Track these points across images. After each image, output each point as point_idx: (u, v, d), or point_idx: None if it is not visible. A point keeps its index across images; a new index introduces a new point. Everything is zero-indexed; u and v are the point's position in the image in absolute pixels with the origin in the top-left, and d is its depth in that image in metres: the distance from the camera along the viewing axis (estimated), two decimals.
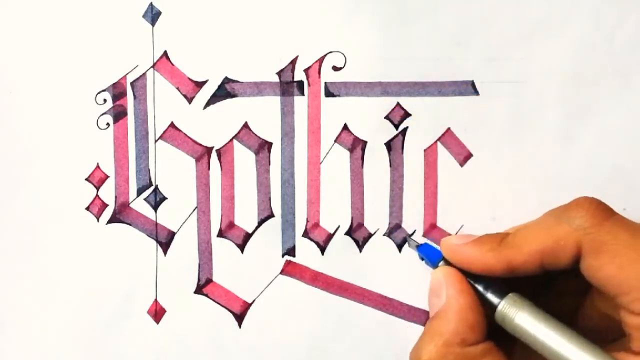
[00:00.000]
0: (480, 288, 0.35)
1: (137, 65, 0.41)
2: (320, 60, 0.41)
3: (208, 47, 0.41)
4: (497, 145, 0.41)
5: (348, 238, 0.42)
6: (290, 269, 0.42)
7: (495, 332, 0.35)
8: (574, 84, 0.41)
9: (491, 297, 0.35)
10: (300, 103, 0.41)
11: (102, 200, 0.41)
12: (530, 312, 0.34)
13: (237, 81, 0.41)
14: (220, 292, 0.41)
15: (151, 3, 0.40)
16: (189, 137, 0.41)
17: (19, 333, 0.41)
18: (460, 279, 0.36)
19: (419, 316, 0.41)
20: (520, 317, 0.34)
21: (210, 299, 0.41)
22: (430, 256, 0.38)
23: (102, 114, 0.41)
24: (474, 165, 0.41)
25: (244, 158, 0.41)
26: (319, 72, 0.41)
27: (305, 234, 0.42)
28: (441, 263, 0.37)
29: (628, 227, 0.33)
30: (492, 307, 0.35)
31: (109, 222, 0.41)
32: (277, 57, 0.41)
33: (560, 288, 0.37)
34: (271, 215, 0.41)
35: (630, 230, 0.33)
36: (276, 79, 0.41)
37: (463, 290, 0.35)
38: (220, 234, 0.41)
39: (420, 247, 0.39)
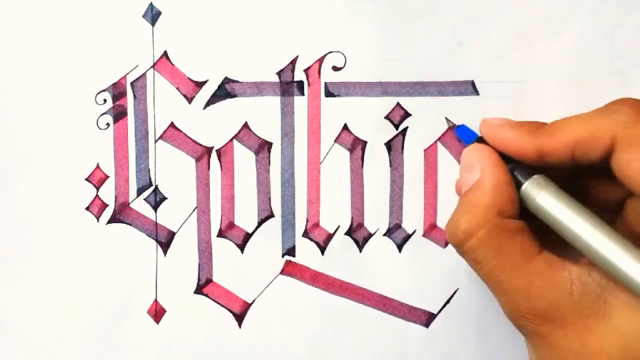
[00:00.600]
0: (509, 167, 0.35)
1: (137, 65, 0.41)
2: (320, 60, 0.41)
3: (208, 47, 0.41)
4: None
5: (348, 238, 0.42)
6: (291, 269, 0.42)
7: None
8: (574, 84, 0.41)
9: (518, 176, 0.35)
10: (300, 103, 0.41)
11: (102, 201, 0.41)
12: (552, 192, 0.34)
13: (237, 81, 0.41)
14: (220, 292, 0.41)
15: (151, 3, 0.40)
16: (189, 137, 0.41)
17: (19, 333, 0.41)
18: (496, 155, 0.35)
19: (419, 316, 0.42)
20: (542, 196, 0.34)
21: (210, 299, 0.41)
22: (466, 137, 0.38)
23: (102, 114, 0.41)
24: None
25: (244, 158, 0.41)
26: (319, 72, 0.41)
27: (305, 234, 0.42)
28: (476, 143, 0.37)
29: None
30: (518, 187, 0.35)
31: (109, 222, 0.41)
32: (277, 57, 0.41)
33: (595, 200, 0.36)
34: (271, 215, 0.41)
35: None
36: (276, 79, 0.41)
37: (498, 165, 0.35)
38: (220, 234, 0.41)
39: (458, 128, 0.39)
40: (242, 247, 0.41)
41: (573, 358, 0.32)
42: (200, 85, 0.41)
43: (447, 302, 0.41)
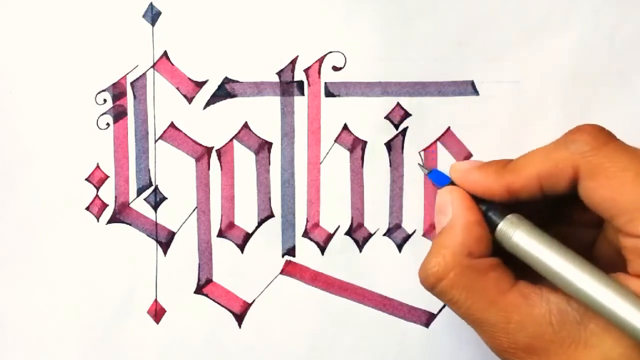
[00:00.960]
0: (483, 208, 0.36)
1: (137, 65, 0.41)
2: (320, 60, 0.41)
3: (208, 47, 0.41)
4: (497, 145, 0.41)
5: (348, 238, 0.42)
6: (290, 269, 0.42)
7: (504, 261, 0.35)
8: (574, 84, 0.41)
9: (493, 217, 0.35)
10: (300, 103, 0.41)
11: (102, 201, 0.41)
12: (526, 231, 0.34)
13: (237, 81, 0.41)
14: (220, 292, 0.41)
15: (151, 3, 0.40)
16: (189, 137, 0.41)
17: (19, 333, 0.41)
18: (466, 197, 0.36)
19: (419, 316, 0.42)
20: (518, 235, 0.34)
21: (210, 299, 0.41)
22: (440, 181, 0.38)
23: (102, 114, 0.41)
24: None
25: (244, 158, 0.41)
26: (319, 72, 0.41)
27: (305, 234, 0.42)
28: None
29: (627, 151, 0.33)
30: (493, 227, 0.35)
31: (109, 222, 0.41)
32: (277, 57, 0.41)
33: (574, 219, 0.37)
34: (271, 215, 0.41)
35: (629, 154, 0.32)
36: (276, 79, 0.41)
37: (468, 207, 0.35)
38: (220, 234, 0.41)
39: (430, 173, 0.39)
40: (242, 247, 0.41)
41: None
42: (200, 85, 0.41)
43: None
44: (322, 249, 0.42)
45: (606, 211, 0.32)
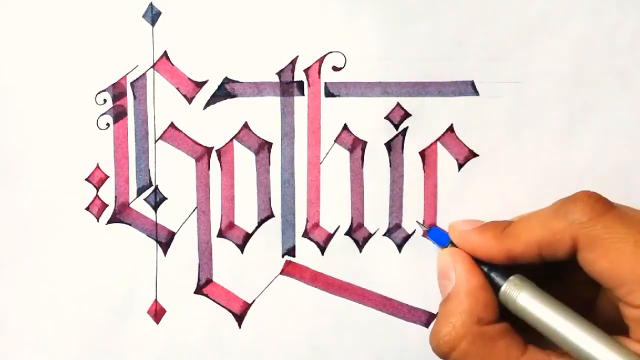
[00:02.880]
0: (485, 269, 0.36)
1: (137, 66, 0.41)
2: (320, 60, 0.41)
3: (208, 48, 0.41)
4: (497, 145, 0.41)
5: (348, 238, 0.42)
6: (290, 269, 0.42)
7: (510, 319, 0.36)
8: (574, 84, 0.41)
9: (496, 278, 0.36)
10: (300, 103, 0.41)
11: (102, 201, 0.41)
12: (531, 293, 0.34)
13: (237, 81, 0.41)
14: (220, 292, 0.41)
15: (151, 3, 0.40)
16: (189, 137, 0.41)
17: (18, 333, 0.41)
18: (468, 259, 0.36)
19: (419, 316, 0.42)
20: (522, 297, 0.34)
21: (210, 299, 0.41)
22: (439, 240, 0.39)
23: (102, 114, 0.41)
24: (474, 165, 0.41)
25: (244, 158, 0.41)
26: (319, 72, 0.41)
27: (305, 234, 0.42)
28: (449, 246, 0.38)
29: (625, 220, 0.33)
30: (497, 289, 0.36)
31: (109, 222, 0.41)
32: (277, 57, 0.41)
33: (574, 279, 0.37)
34: (271, 216, 0.41)
35: (627, 224, 0.33)
36: (276, 79, 0.41)
37: (471, 270, 0.36)
38: (220, 234, 0.41)
39: (429, 232, 0.39)
40: (242, 247, 0.41)
41: None
42: (200, 85, 0.41)
43: None
44: (322, 249, 0.42)
45: (606, 282, 0.33)
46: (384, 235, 0.42)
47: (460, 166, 0.41)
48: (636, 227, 0.33)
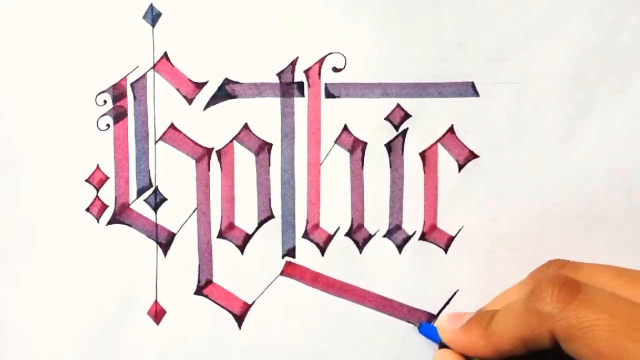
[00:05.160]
0: None
1: (137, 67, 0.41)
2: (321, 61, 0.41)
3: (208, 48, 0.41)
4: (498, 146, 0.41)
5: (348, 239, 0.41)
6: (291, 270, 0.42)
7: None
8: (574, 85, 0.41)
9: None
10: (301, 104, 0.41)
11: (102, 202, 0.41)
12: None
13: (237, 82, 0.41)
14: (220, 293, 0.41)
15: (151, 4, 0.41)
16: (189, 138, 0.41)
17: (19, 334, 0.41)
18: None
19: (418, 317, 0.41)
20: None
21: (210, 300, 0.41)
22: (431, 335, 0.40)
23: (102, 115, 0.41)
24: (474, 166, 0.41)
25: (244, 159, 0.41)
26: (319, 73, 0.41)
27: (306, 235, 0.41)
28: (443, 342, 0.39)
29: (594, 303, 0.33)
30: None
31: (109, 223, 0.41)
32: (277, 58, 0.41)
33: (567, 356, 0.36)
34: (271, 216, 0.41)
35: (597, 308, 0.32)
36: (276, 80, 0.41)
37: None
38: (221, 235, 0.41)
39: (420, 328, 0.41)
40: (242, 248, 0.41)
41: None
42: (200, 86, 0.41)
43: (447, 303, 0.41)
44: (322, 250, 0.41)
45: None
46: (384, 236, 0.41)
47: (460, 167, 0.41)
48: (607, 310, 0.32)
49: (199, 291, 0.41)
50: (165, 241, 0.41)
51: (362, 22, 0.41)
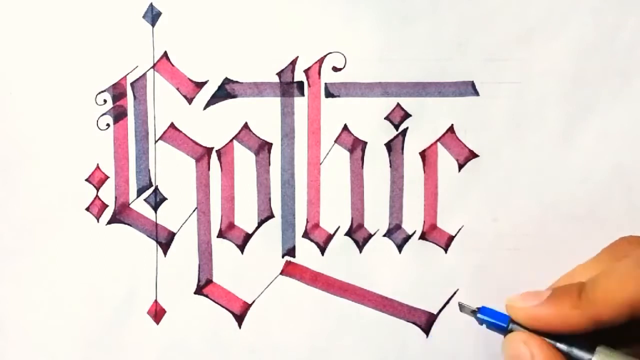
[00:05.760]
0: (564, 347, 0.33)
1: (137, 66, 0.41)
2: (320, 61, 0.41)
3: (208, 48, 0.41)
4: (498, 145, 0.41)
5: (348, 239, 0.41)
6: (291, 270, 0.42)
7: None
8: (574, 84, 0.41)
9: (579, 354, 0.32)
10: (301, 104, 0.41)
11: (102, 201, 0.41)
12: None
13: (237, 82, 0.41)
14: (220, 292, 0.41)
15: (151, 4, 0.41)
16: (189, 138, 0.41)
17: (18, 334, 0.41)
18: (545, 345, 0.33)
19: (419, 316, 0.41)
20: None
21: (210, 299, 0.41)
22: (495, 319, 0.34)
23: (102, 115, 0.41)
24: (475, 166, 0.41)
25: (244, 158, 0.41)
26: (319, 73, 0.41)
27: (305, 235, 0.41)
28: (509, 326, 0.34)
29: None
30: None
31: (109, 222, 0.41)
32: (277, 57, 0.41)
33: None
34: (271, 216, 0.41)
35: None
36: (276, 79, 0.41)
37: (553, 358, 0.32)
38: (220, 235, 0.41)
39: (480, 311, 0.35)
40: (242, 248, 0.41)
41: None
42: (200, 85, 0.41)
43: (447, 302, 0.41)
44: (322, 250, 0.42)
45: None
46: (384, 235, 0.41)
47: (460, 167, 0.41)
48: None
49: (199, 291, 0.41)
50: (165, 241, 0.41)
51: (362, 22, 0.41)
